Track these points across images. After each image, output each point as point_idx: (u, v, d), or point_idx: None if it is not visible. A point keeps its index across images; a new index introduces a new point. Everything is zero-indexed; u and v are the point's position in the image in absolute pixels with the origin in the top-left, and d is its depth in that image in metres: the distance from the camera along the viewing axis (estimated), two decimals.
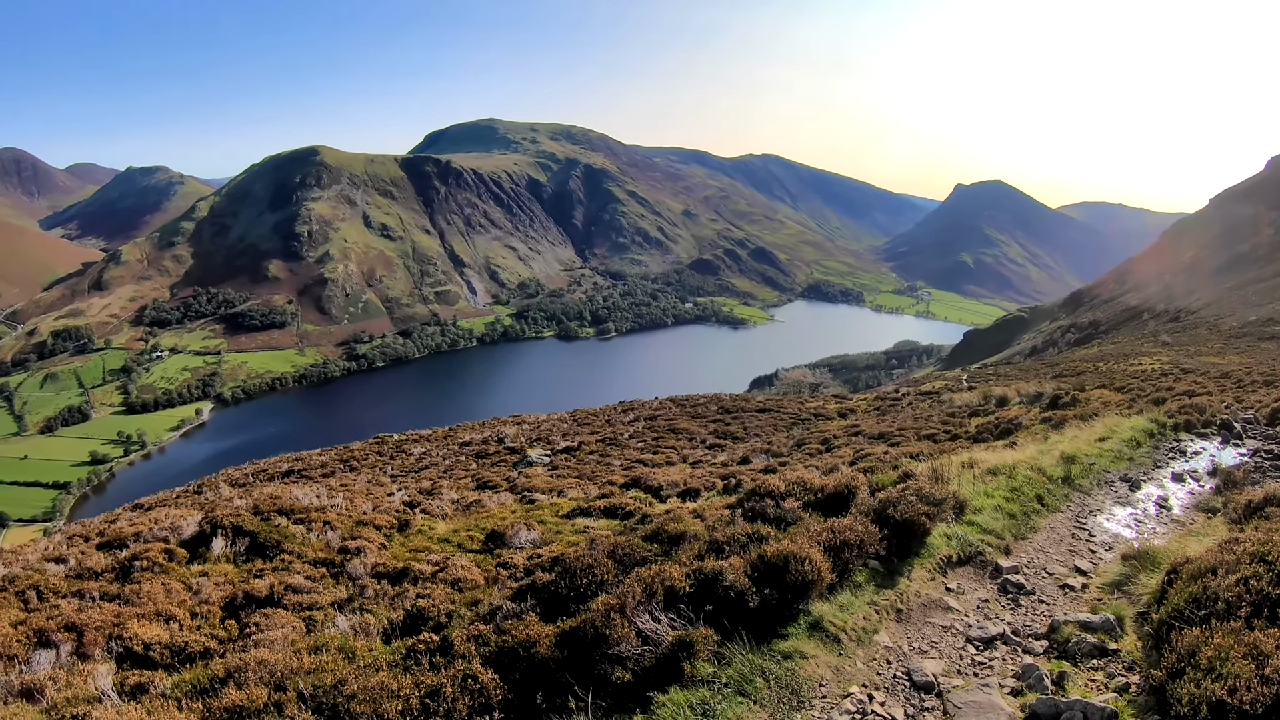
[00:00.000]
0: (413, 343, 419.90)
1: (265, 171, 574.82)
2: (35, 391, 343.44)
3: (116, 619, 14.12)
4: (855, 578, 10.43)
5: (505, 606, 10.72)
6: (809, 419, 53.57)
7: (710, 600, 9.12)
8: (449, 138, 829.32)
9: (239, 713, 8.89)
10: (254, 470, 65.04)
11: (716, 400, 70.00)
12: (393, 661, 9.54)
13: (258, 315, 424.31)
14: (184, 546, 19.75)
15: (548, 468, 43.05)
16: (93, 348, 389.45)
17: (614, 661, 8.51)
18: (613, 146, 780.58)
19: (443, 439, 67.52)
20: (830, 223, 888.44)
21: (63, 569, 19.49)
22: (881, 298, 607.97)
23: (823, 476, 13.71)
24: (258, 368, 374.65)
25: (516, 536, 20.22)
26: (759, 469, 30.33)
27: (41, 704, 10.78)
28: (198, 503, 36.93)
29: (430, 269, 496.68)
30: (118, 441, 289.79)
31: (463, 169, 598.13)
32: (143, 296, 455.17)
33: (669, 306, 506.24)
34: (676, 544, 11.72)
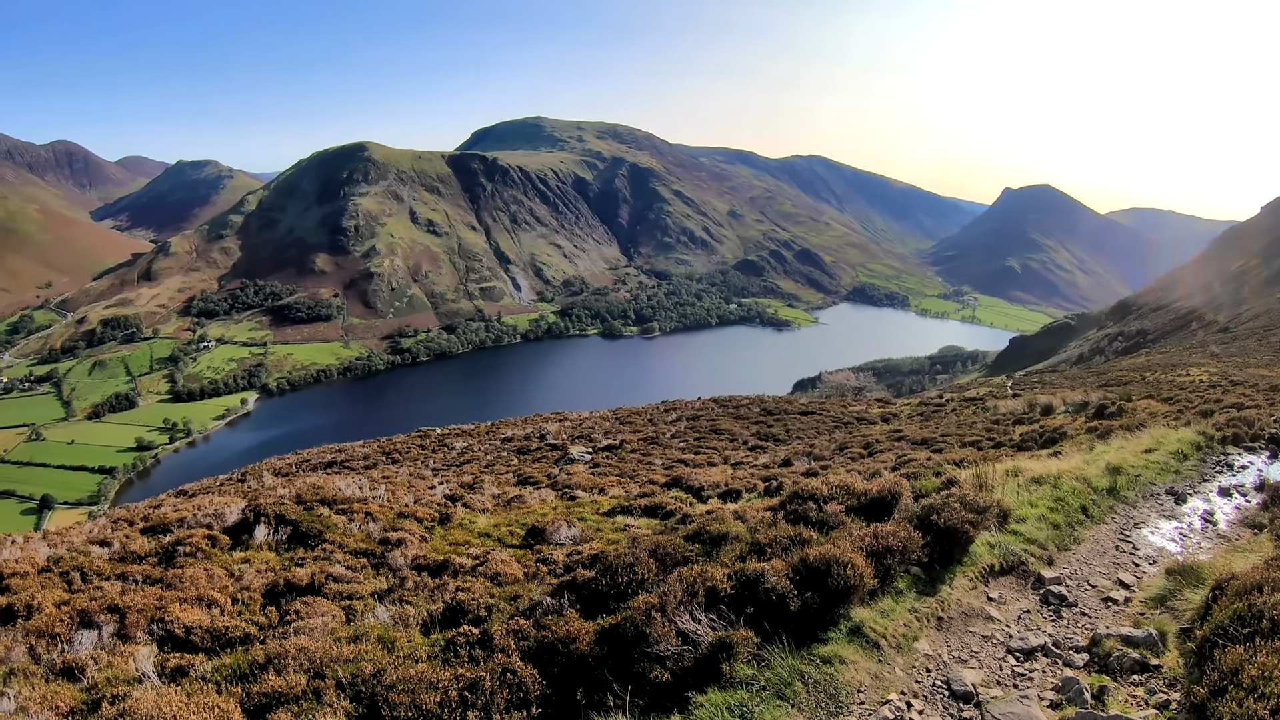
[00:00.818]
0: (457, 338, 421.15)
1: (313, 167, 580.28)
2: (84, 378, 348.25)
3: (159, 602, 14.27)
4: (897, 584, 10.37)
5: (545, 602, 10.73)
6: (851, 423, 53.31)
7: (751, 602, 9.08)
8: (495, 135, 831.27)
9: (278, 698, 9.00)
10: (297, 460, 65.56)
11: (759, 402, 69.80)
12: (431, 653, 9.63)
13: (304, 308, 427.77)
14: (227, 533, 19.88)
15: (589, 465, 43.02)
16: (141, 337, 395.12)
17: (653, 660, 8.48)
18: (659, 146, 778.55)
19: (485, 434, 67.66)
20: (875, 225, 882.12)
21: (107, 552, 19.69)
22: (927, 302, 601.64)
23: (865, 481, 13.62)
24: (303, 359, 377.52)
25: (557, 533, 20.20)
26: (801, 472, 30.19)
27: (82, 683, 10.98)
28: (241, 491, 37.14)
29: (476, 265, 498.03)
30: (163, 429, 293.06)
31: (509, 166, 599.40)
32: (191, 287, 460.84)
33: (713, 307, 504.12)
34: (718, 545, 11.69)
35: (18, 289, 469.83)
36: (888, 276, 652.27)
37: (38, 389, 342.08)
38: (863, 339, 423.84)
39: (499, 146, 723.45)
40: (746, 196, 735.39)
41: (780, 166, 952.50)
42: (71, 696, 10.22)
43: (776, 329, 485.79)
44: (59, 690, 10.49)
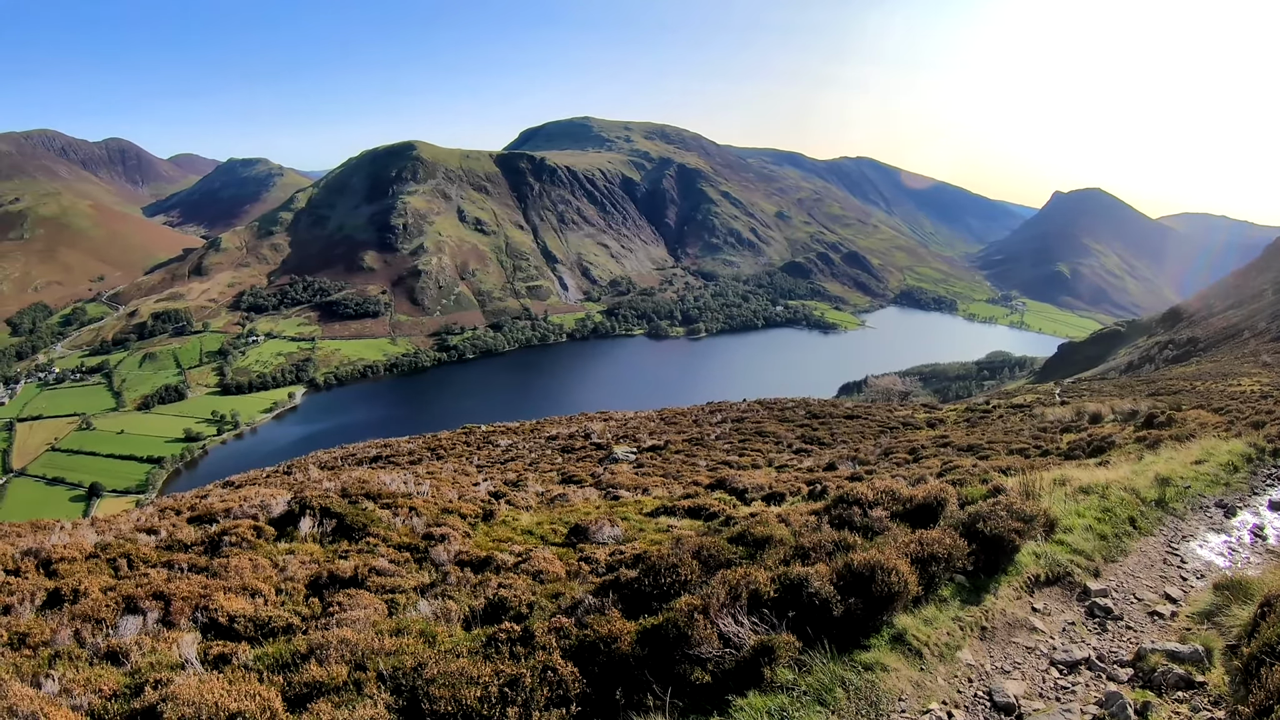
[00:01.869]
0: (503, 336, 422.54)
1: (362, 165, 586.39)
2: (134, 370, 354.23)
3: (203, 590, 14.45)
4: (941, 591, 10.29)
5: (587, 600, 10.75)
6: (897, 428, 52.98)
7: (794, 606, 9.06)
8: (543, 135, 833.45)
9: (319, 688, 9.12)
10: (343, 454, 65.98)
11: (804, 405, 69.51)
12: (473, 648, 9.62)
13: (352, 304, 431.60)
14: (272, 525, 20.12)
15: (633, 465, 43.01)
16: (191, 330, 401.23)
17: (694, 662, 8.49)
18: (706, 146, 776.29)
19: (530, 432, 67.84)
20: (924, 228, 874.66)
21: (153, 540, 19.92)
22: (975, 306, 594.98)
23: (910, 487, 13.54)
24: (350, 355, 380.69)
25: (600, 532, 20.21)
26: (845, 476, 30.04)
27: (126, 667, 11.15)
28: (287, 483, 37.43)
29: (523, 264, 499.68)
30: (211, 420, 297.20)
31: (557, 166, 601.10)
32: (241, 283, 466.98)
33: (760, 309, 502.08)
34: (762, 547, 11.65)
35: (71, 282, 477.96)
36: (935, 280, 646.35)
37: (89, 379, 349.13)
38: (909, 343, 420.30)
39: (547, 146, 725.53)
40: (794, 198, 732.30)
41: (828, 168, 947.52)
42: (115, 680, 10.36)
43: (823, 332, 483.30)
44: (102, 674, 10.67)
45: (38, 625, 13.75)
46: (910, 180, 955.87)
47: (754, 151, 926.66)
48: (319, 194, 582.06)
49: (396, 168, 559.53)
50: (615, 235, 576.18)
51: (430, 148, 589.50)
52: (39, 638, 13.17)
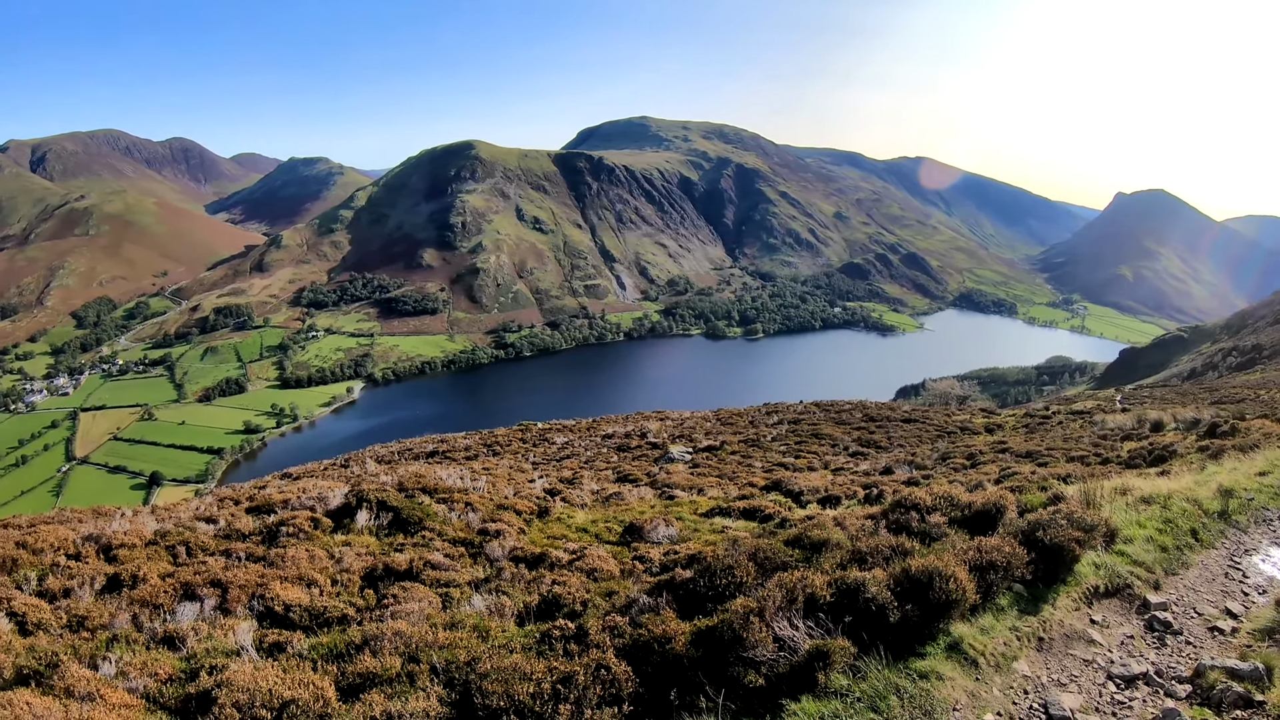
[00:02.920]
0: (560, 334, 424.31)
1: (422, 164, 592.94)
2: (196, 363, 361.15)
3: (260, 579, 14.63)
4: (998, 600, 10.12)
5: (642, 600, 10.72)
6: (954, 432, 52.52)
7: (850, 611, 8.99)
8: (601, 134, 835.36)
9: (372, 679, 9.18)
10: (400, 449, 66.48)
11: (861, 407, 69.09)
12: (526, 645, 9.66)
13: (411, 301, 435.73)
14: (329, 516, 20.29)
15: (688, 465, 43.00)
16: (251, 325, 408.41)
17: (748, 665, 8.45)
18: (764, 146, 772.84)
19: (586, 430, 67.92)
20: (984, 229, 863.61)
21: (212, 528, 20.16)
22: (1035, 310, 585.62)
23: (969, 493, 13.39)
24: (408, 351, 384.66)
25: (654, 531, 20.19)
26: (901, 480, 29.85)
27: (182, 652, 11.30)
28: (344, 476, 37.74)
29: (580, 263, 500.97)
30: (270, 413, 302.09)
31: (615, 165, 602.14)
32: (301, 279, 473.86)
33: (817, 310, 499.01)
34: (818, 551, 11.58)
35: (135, 277, 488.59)
36: (995, 283, 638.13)
37: (151, 372, 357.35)
38: (968, 346, 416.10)
39: (605, 146, 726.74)
40: (853, 198, 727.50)
41: (887, 168, 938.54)
42: (171, 665, 10.50)
43: (881, 334, 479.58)
44: (159, 658, 10.80)
45: (96, 608, 13.97)
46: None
47: (812, 151, 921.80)
48: (379, 192, 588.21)
49: (455, 167, 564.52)
50: (673, 235, 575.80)
51: (489, 147, 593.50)
52: (97, 621, 13.39)
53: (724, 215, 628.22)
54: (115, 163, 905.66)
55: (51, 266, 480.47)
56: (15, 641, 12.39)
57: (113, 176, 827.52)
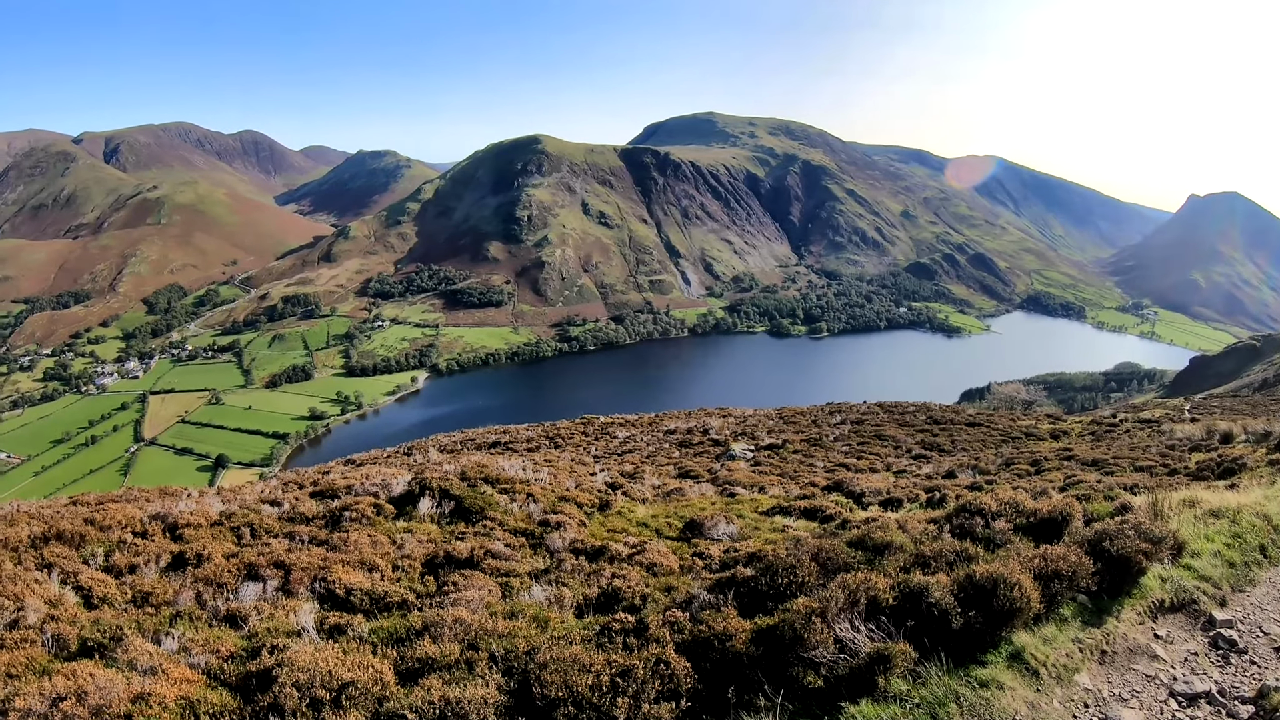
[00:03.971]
0: (624, 329, 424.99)
1: (488, 158, 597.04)
2: (263, 350, 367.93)
3: (323, 562, 14.97)
4: (1062, 611, 9.95)
5: (702, 596, 10.75)
6: (1019, 438, 51.87)
7: (912, 616, 8.93)
8: (667, 130, 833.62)
9: (431, 664, 9.32)
10: (462, 439, 66.92)
11: (925, 410, 68.53)
12: (586, 636, 9.72)
13: (476, 293, 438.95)
14: (392, 503, 20.66)
15: (750, 463, 42.91)
16: (319, 314, 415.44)
17: (807, 665, 8.43)
18: (831, 143, 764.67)
19: (648, 425, 68.01)
20: (1053, 230, 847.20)
21: (276, 511, 20.55)
22: (1104, 314, 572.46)
23: (1034, 500, 13.21)
24: (473, 342, 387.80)
25: (715, 528, 20.20)
26: (964, 485, 29.58)
27: (244, 631, 11.60)
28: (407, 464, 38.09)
29: (646, 258, 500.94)
30: (336, 401, 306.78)
31: (681, 161, 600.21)
32: (368, 270, 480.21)
33: (883, 309, 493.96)
34: (881, 553, 11.50)
35: (205, 266, 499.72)
36: (1064, 285, 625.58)
37: (220, 357, 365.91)
38: (1035, 350, 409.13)
39: (670, 141, 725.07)
40: (920, 197, 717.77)
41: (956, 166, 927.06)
42: (232, 642, 10.74)
43: (946, 335, 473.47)
44: (221, 635, 11.10)
45: (161, 585, 14.38)
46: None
47: (880, 149, 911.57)
48: (446, 185, 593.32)
49: (522, 161, 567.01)
50: (739, 231, 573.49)
51: (555, 141, 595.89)
52: (161, 597, 13.77)
53: (790, 212, 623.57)
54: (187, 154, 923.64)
55: (124, 254, 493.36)
56: (80, 614, 12.74)
57: (184, 168, 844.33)
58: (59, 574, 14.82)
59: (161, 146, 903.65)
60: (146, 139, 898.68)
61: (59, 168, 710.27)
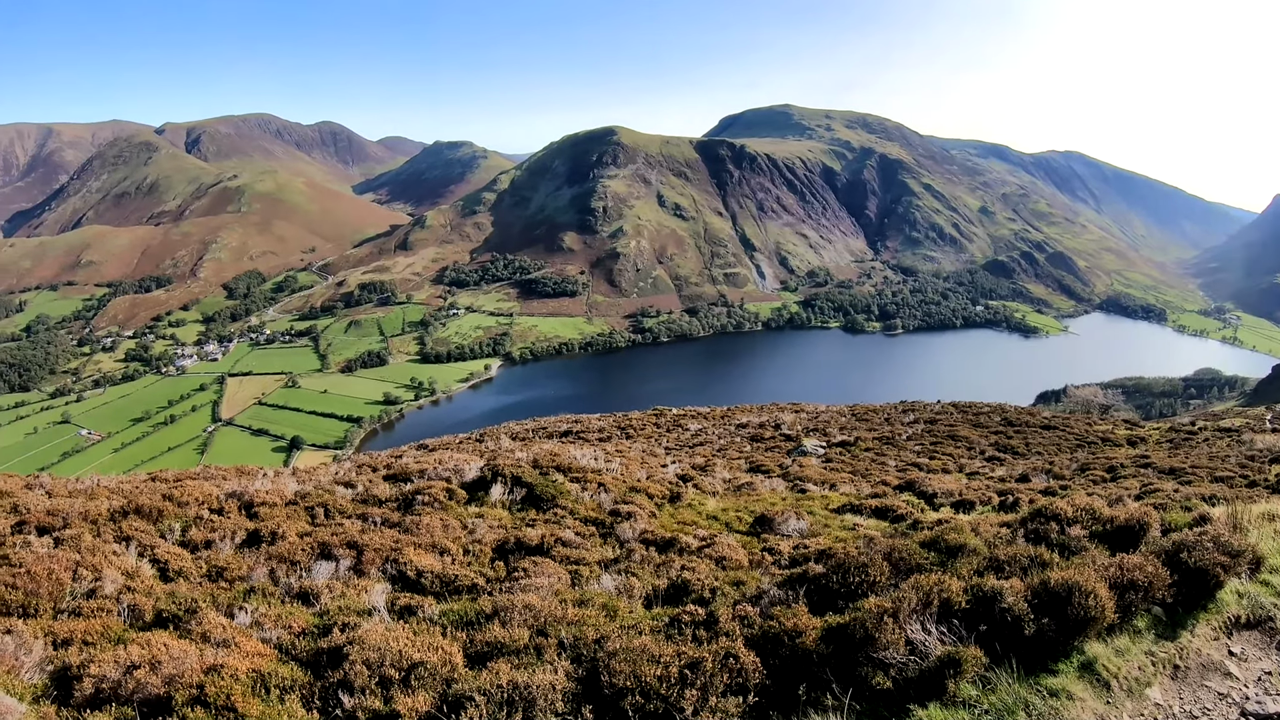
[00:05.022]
0: (698, 321, 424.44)
1: (564, 149, 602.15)
2: (339, 335, 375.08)
3: (395, 544, 15.26)
4: (1135, 622, 9.75)
5: (772, 592, 10.76)
6: (1095, 443, 51.05)
7: (984, 620, 8.85)
8: (743, 122, 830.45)
9: (499, 649, 9.42)
10: (534, 427, 67.49)
11: (1000, 411, 67.68)
12: (655, 627, 9.77)
13: (550, 283, 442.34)
14: (464, 488, 20.98)
15: (821, 459, 42.78)
16: (394, 301, 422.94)
17: (876, 666, 8.40)
18: (908, 137, 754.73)
19: (720, 418, 68.00)
20: (1134, 229, 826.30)
21: (350, 493, 20.95)
22: (1185, 318, 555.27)
23: (1110, 507, 12.99)
24: (546, 332, 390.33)
25: (785, 524, 20.18)
26: (1038, 489, 29.26)
27: (315, 608, 11.88)
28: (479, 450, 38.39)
29: (720, 250, 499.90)
30: (409, 386, 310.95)
31: (757, 154, 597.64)
32: (444, 258, 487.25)
33: (959, 308, 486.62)
34: (954, 556, 11.39)
35: (284, 253, 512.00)
36: (1145, 287, 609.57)
37: (296, 342, 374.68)
38: (1113, 353, 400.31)
39: (746, 134, 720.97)
40: (998, 193, 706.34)
41: (1035, 162, 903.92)
42: (304, 619, 10.98)
43: (1023, 335, 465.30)
44: (293, 611, 11.37)
45: (236, 561, 14.79)
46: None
47: (958, 143, 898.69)
48: (521, 176, 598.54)
49: (597, 152, 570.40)
50: (814, 225, 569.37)
51: (630, 133, 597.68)
52: (236, 573, 14.18)
53: (866, 207, 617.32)
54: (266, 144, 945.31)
55: (204, 241, 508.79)
56: (156, 587, 13.12)
57: (263, 158, 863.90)
58: (136, 547, 15.29)
59: (241, 137, 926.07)
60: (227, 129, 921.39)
61: (142, 157, 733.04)
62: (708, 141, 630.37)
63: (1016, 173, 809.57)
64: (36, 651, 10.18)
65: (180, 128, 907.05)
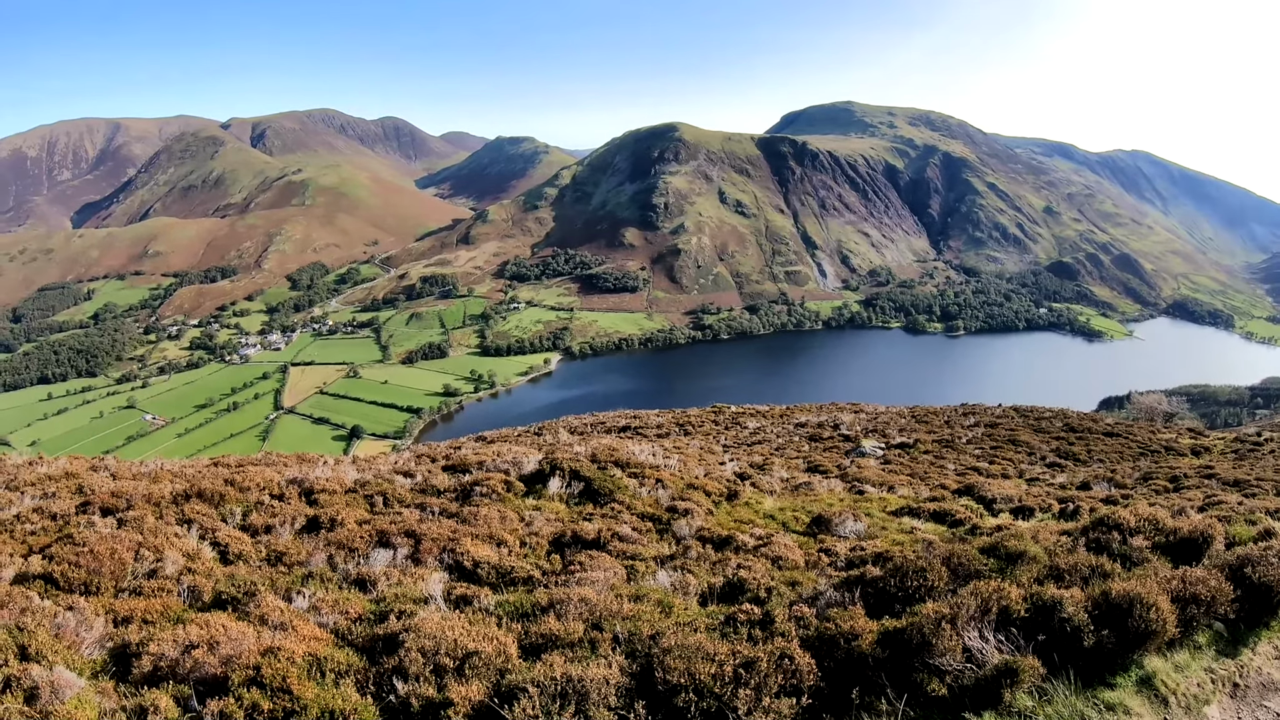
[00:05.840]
0: (758, 319, 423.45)
1: (625, 145, 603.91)
2: (401, 327, 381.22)
3: (452, 534, 15.42)
4: (1196, 637, 9.57)
5: (829, 593, 10.74)
6: (1158, 451, 50.24)
7: (1043, 630, 8.76)
8: (805, 119, 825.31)
9: (554, 641, 9.47)
10: (593, 421, 67.72)
11: (1062, 416, 66.78)
12: (710, 625, 9.78)
13: (611, 278, 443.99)
14: (522, 481, 21.13)
15: (880, 461, 42.59)
16: (456, 294, 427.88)
17: (932, 672, 8.35)
18: (972, 134, 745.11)
19: (778, 417, 67.83)
20: (1201, 231, 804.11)
21: (409, 482, 21.24)
22: (1253, 324, 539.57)
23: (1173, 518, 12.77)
24: (606, 327, 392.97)
25: (842, 525, 20.11)
26: (1099, 497, 28.87)
27: (372, 595, 12.02)
28: (537, 443, 38.64)
29: (781, 248, 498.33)
30: (469, 379, 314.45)
31: (818, 151, 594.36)
32: (505, 253, 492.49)
33: (1021, 309, 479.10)
34: (1014, 563, 11.27)
35: (347, 245, 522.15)
36: (1212, 292, 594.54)
37: (358, 333, 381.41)
38: (1178, 359, 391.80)
39: (808, 130, 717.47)
40: (1063, 192, 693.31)
41: (1101, 161, 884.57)
42: (361, 605, 11.12)
43: (1087, 339, 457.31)
44: (350, 598, 11.55)
45: (295, 546, 15.03)
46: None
47: (1022, 141, 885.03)
48: (583, 171, 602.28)
49: (659, 148, 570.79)
50: (876, 224, 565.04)
51: (692, 129, 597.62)
52: (294, 558, 14.41)
53: (929, 205, 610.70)
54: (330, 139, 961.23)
55: (269, 233, 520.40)
56: (216, 569, 13.42)
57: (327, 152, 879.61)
58: (198, 530, 15.64)
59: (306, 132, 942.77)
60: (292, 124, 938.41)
61: (208, 151, 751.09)
62: (769, 138, 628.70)
63: (1082, 172, 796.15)
64: (97, 628, 10.39)
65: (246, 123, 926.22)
